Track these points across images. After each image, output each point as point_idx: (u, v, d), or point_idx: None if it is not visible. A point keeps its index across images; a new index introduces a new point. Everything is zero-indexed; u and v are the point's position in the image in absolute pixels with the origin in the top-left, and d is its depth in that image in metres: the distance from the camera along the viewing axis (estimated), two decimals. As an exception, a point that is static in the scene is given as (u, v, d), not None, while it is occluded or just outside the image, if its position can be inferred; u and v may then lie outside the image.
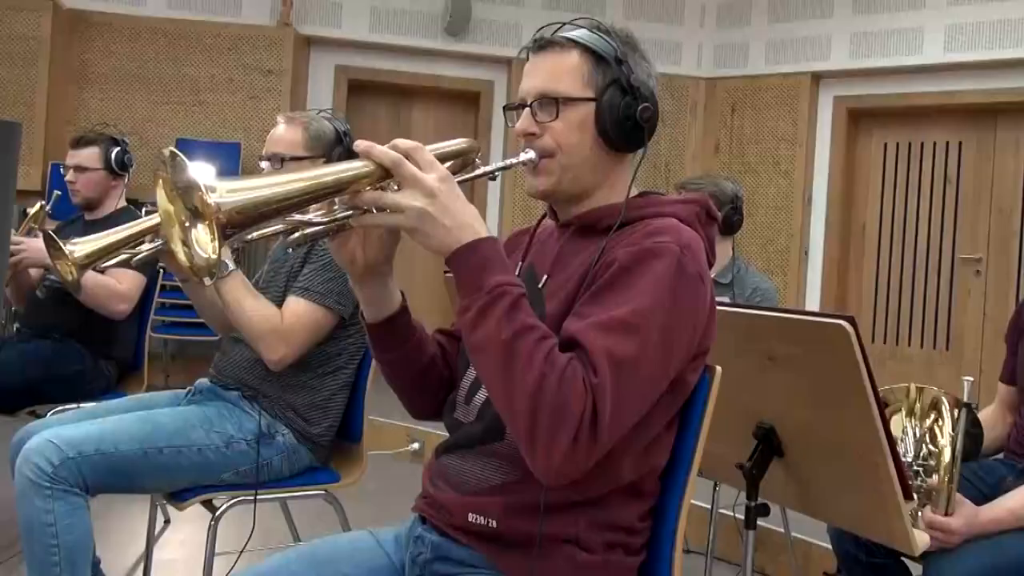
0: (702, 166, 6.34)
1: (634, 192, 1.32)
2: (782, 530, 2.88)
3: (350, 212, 1.15)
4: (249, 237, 1.12)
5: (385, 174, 1.13)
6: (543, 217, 1.44)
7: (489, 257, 1.12)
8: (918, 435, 1.85)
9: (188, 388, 2.27)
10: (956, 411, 1.81)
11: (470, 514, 1.23)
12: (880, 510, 1.50)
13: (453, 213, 1.12)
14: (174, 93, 5.86)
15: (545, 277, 1.31)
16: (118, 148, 3.06)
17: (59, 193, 3.01)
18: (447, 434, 1.37)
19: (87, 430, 1.92)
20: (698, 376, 1.27)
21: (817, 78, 6.05)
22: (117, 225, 2.90)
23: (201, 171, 1.02)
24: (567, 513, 1.20)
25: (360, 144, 1.13)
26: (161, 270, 3.18)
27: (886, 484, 1.46)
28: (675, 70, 6.37)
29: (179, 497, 2.03)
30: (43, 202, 3.00)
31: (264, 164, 2.22)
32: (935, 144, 5.86)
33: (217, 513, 2.00)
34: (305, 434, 2.13)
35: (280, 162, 2.18)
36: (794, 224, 6.07)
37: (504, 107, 1.37)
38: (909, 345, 5.92)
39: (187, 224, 1.07)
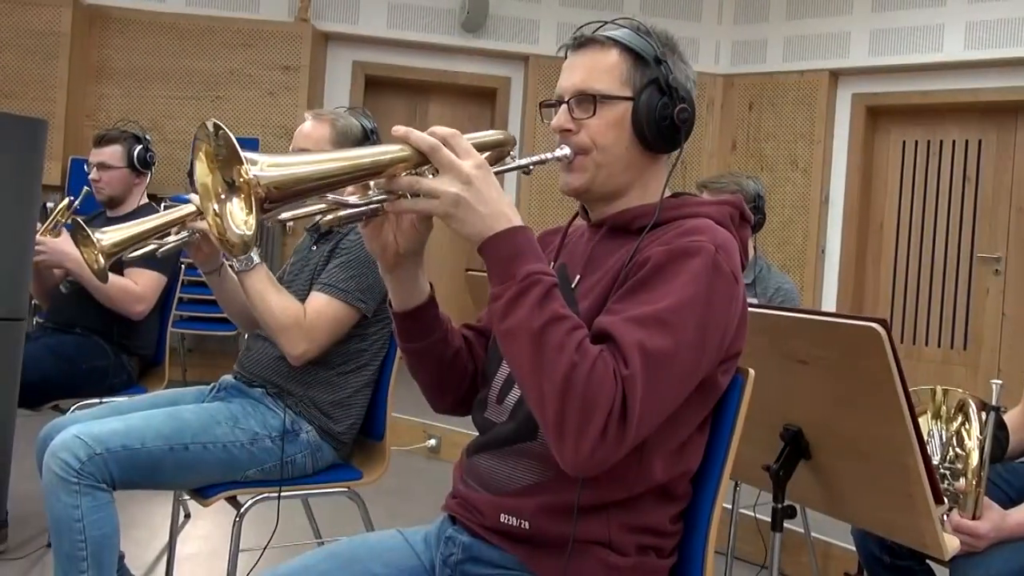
0: (719, 163, 6.32)
1: (667, 193, 1.32)
2: (802, 530, 2.88)
3: (384, 196, 1.16)
4: (283, 216, 1.11)
5: (422, 160, 1.13)
6: (574, 217, 1.44)
7: (522, 245, 1.12)
8: (945, 438, 1.84)
9: (212, 384, 2.28)
10: (983, 414, 1.80)
11: (502, 515, 1.23)
12: (910, 514, 1.49)
13: (488, 201, 1.12)
14: (192, 88, 5.88)
15: (578, 277, 1.31)
16: (141, 146, 3.08)
17: (88, 189, 3.02)
18: (466, 431, 1.37)
19: (114, 426, 1.93)
20: (730, 378, 1.26)
21: (835, 75, 6.02)
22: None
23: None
24: (600, 515, 1.20)
25: (398, 129, 1.13)
26: (183, 267, 3.21)
27: (917, 488, 1.45)
28: (692, 67, 6.34)
29: (204, 493, 2.04)
30: (71, 197, 3.02)
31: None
32: (954, 142, 5.83)
33: (242, 510, 2.01)
34: (329, 431, 2.14)
35: (307, 159, 2.18)
36: (811, 222, 6.04)
37: (540, 103, 1.37)
38: (927, 344, 5.89)
39: (223, 197, 1.08)
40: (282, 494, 2.06)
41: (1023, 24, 5.29)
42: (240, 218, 1.07)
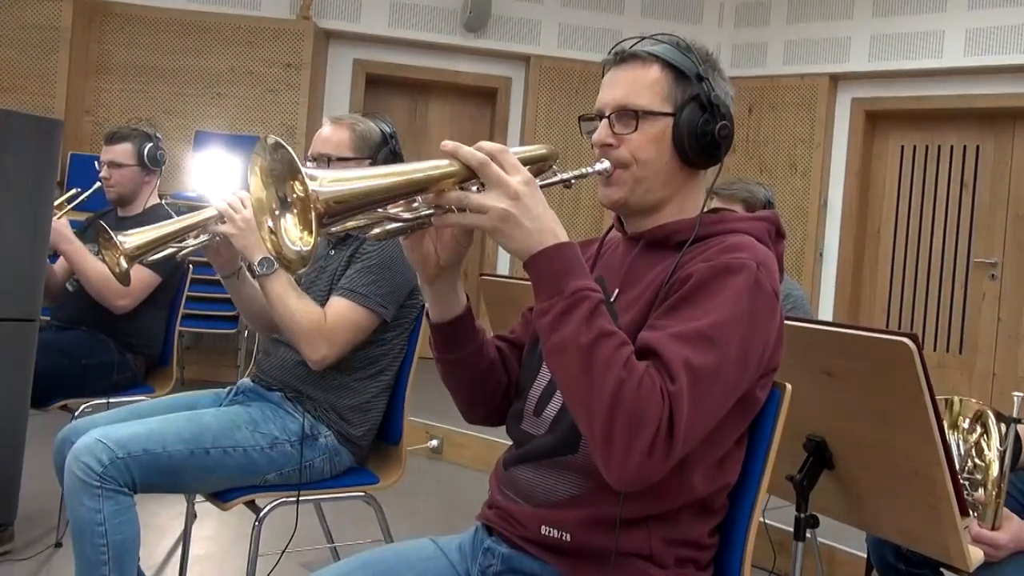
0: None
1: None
2: (807, 535, 2.89)
3: (431, 211, 1.17)
4: (334, 229, 1.12)
5: (469, 174, 1.14)
6: (609, 229, 1.45)
7: (570, 261, 1.13)
8: (963, 449, 1.86)
9: (229, 388, 2.28)
10: (1002, 426, 1.82)
11: (543, 527, 1.24)
12: (935, 526, 1.51)
13: (535, 216, 1.13)
14: (193, 85, 5.87)
15: (616, 291, 1.32)
16: (151, 144, 3.07)
17: (99, 185, 3.02)
18: (469, 432, 1.38)
19: (135, 430, 1.93)
20: (767, 393, 1.28)
21: (835, 79, 6.05)
22: (150, 222, 2.93)
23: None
24: (641, 528, 1.21)
25: (447, 144, 1.14)
26: (190, 267, 3.20)
27: (943, 500, 1.47)
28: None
29: (223, 497, 2.04)
30: (78, 189, 3.01)
31: (311, 165, 2.23)
32: (952, 148, 5.87)
33: (261, 514, 2.01)
34: (347, 436, 2.14)
35: (327, 162, 2.19)
36: (809, 226, 6.08)
37: (579, 117, 1.38)
38: (923, 348, 5.92)
39: (277, 213, 1.09)
40: (300, 498, 2.07)
41: (1023, 31, 5.33)
42: (295, 234, 1.07)
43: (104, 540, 1.85)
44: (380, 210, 1.14)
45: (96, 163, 3.08)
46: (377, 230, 1.20)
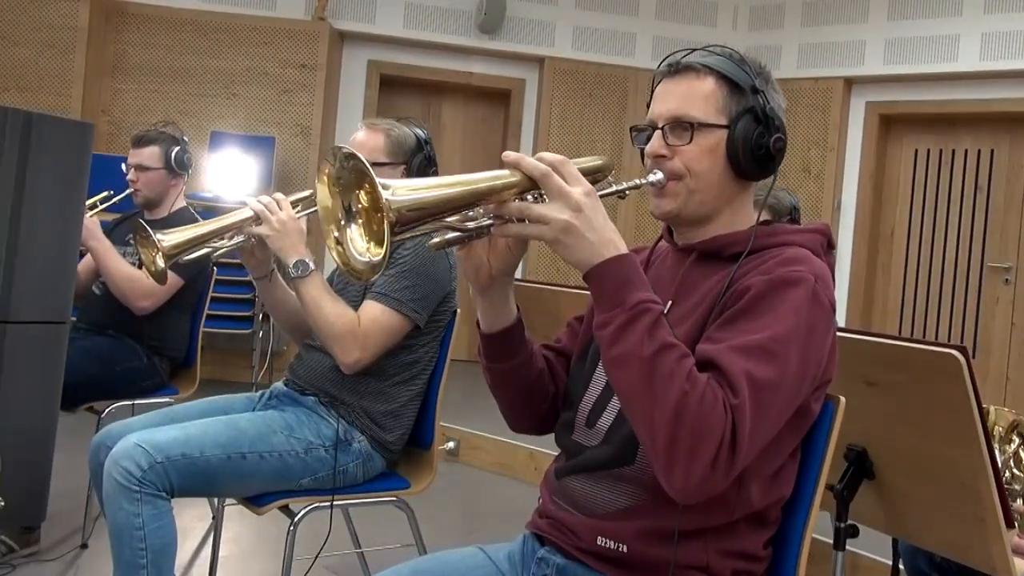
0: (732, 169, 6.34)
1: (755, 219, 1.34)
2: (829, 540, 2.89)
3: (491, 221, 1.17)
4: (400, 239, 1.13)
5: (531, 185, 1.15)
6: (658, 240, 1.45)
7: (630, 274, 1.14)
8: (1000, 459, 1.86)
9: (261, 392, 2.29)
10: (1040, 435, 1.83)
11: (599, 537, 1.24)
12: (980, 537, 1.51)
13: (596, 228, 1.13)
14: (208, 86, 5.88)
15: (669, 303, 1.32)
16: (178, 147, 3.07)
17: (131, 190, 3.03)
18: (487, 435, 1.38)
19: (174, 435, 1.93)
20: (820, 405, 1.28)
21: (850, 83, 6.05)
22: (176, 225, 2.94)
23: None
24: (698, 540, 1.21)
25: (509, 155, 1.15)
26: (214, 269, 3.21)
27: (989, 512, 1.48)
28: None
29: (257, 502, 2.05)
30: (111, 191, 3.02)
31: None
32: (966, 151, 5.87)
33: (296, 518, 2.02)
34: (380, 441, 2.15)
35: (361, 168, 2.19)
36: (823, 229, 6.06)
37: (631, 128, 1.38)
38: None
39: (343, 223, 1.10)
40: (334, 503, 2.07)
41: (1039, 36, 5.33)
42: (361, 245, 1.08)
43: (143, 544, 1.86)
44: (443, 219, 1.15)
45: (123, 165, 3.09)
46: (437, 239, 1.20)
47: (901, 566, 2.08)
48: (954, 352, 1.42)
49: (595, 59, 6.36)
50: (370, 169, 1.03)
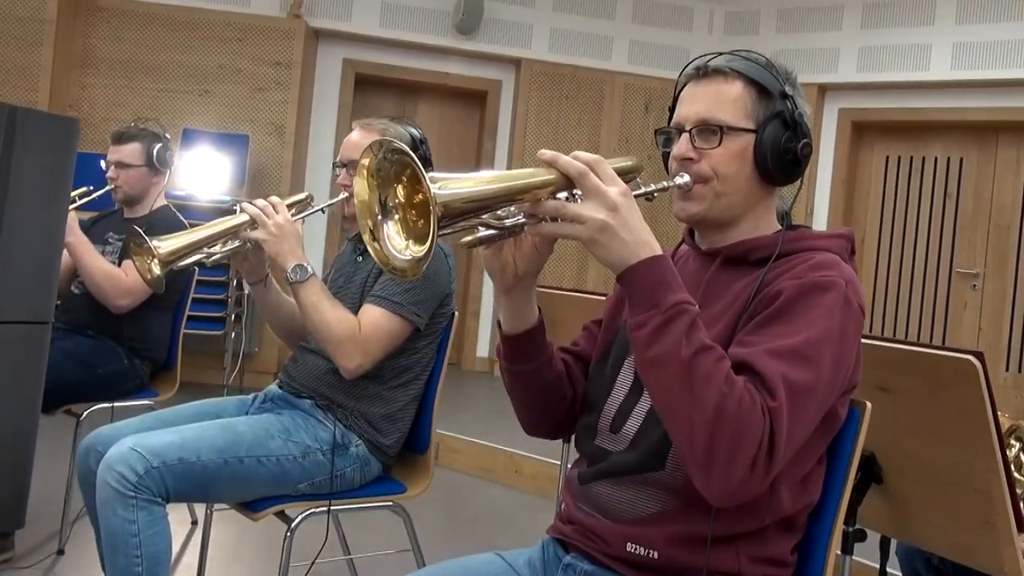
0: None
1: (778, 224, 1.34)
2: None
3: (523, 219, 1.15)
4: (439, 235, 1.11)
5: (566, 184, 1.13)
6: (680, 243, 1.44)
7: (667, 274, 1.13)
8: (1000, 462, 1.88)
9: (254, 394, 2.24)
10: (1039, 440, 1.85)
11: (628, 544, 1.23)
12: (990, 540, 1.52)
13: (632, 228, 1.12)
14: (180, 82, 5.77)
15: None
16: (160, 144, 3.01)
17: (111, 187, 2.95)
18: (465, 438, 1.36)
19: (169, 439, 1.88)
20: (847, 410, 1.28)
21: (823, 90, 6.12)
22: (157, 223, 2.87)
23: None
24: (730, 546, 1.20)
25: (545, 153, 1.13)
26: (195, 270, 3.14)
27: (1001, 516, 1.48)
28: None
29: (253, 507, 2.01)
30: (90, 187, 2.95)
31: (341, 171, 2.20)
32: (936, 159, 5.97)
33: (293, 524, 1.98)
34: (377, 445, 2.12)
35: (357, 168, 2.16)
36: (796, 234, 6.13)
37: (656, 131, 1.37)
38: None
39: (379, 218, 1.08)
40: (331, 508, 2.04)
41: (1008, 47, 5.44)
42: (399, 242, 1.06)
43: (138, 551, 1.81)
44: (480, 216, 1.13)
45: (102, 162, 3.02)
46: (468, 237, 1.19)
47: (889, 568, 2.09)
48: (970, 358, 1.43)
49: (571, 61, 6.37)
50: (418, 163, 1.01)
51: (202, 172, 5.50)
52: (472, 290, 6.55)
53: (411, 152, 1.02)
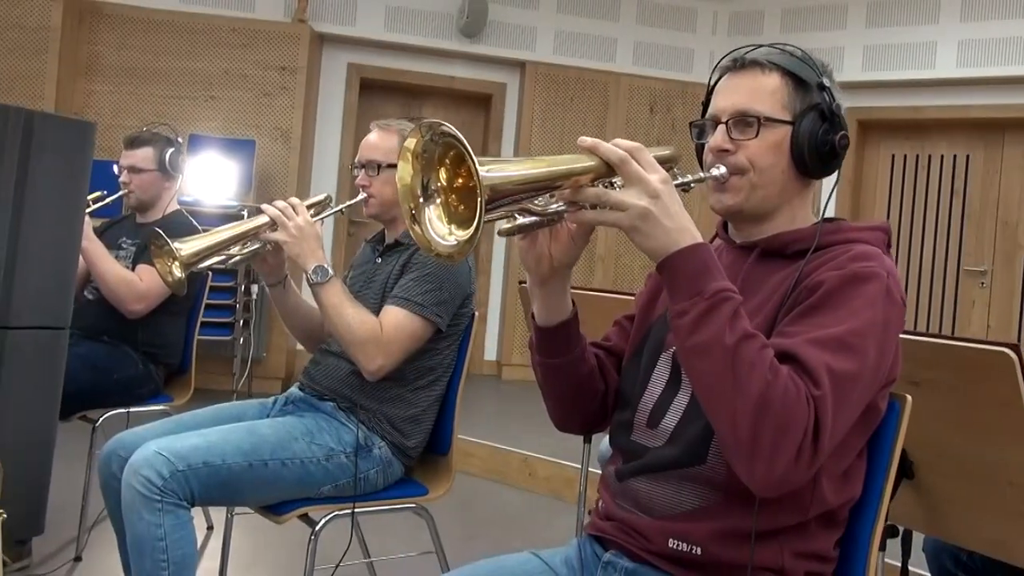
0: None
1: (814, 217, 1.34)
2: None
3: (563, 207, 1.14)
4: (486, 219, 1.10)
5: (606, 171, 1.13)
6: (713, 237, 1.44)
7: (708, 262, 1.12)
8: None
9: (275, 397, 2.23)
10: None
11: (671, 540, 1.22)
12: (1028, 535, 1.51)
13: (673, 215, 1.11)
14: (185, 88, 5.77)
15: (733, 300, 1.30)
16: (172, 149, 3.00)
17: (125, 192, 2.95)
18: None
19: (194, 442, 1.87)
20: (886, 403, 1.27)
21: (828, 89, 6.11)
22: (170, 228, 2.87)
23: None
24: (773, 541, 1.19)
25: (586, 140, 1.13)
26: (209, 274, 3.13)
27: (1039, 510, 1.48)
28: (687, 77, 6.43)
29: (277, 510, 1.99)
30: (104, 192, 2.94)
31: (359, 172, 2.19)
32: (943, 157, 5.96)
33: (317, 527, 1.97)
34: (400, 447, 2.11)
35: (376, 169, 2.16)
36: (803, 233, 6.13)
37: (691, 124, 1.37)
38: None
39: (421, 200, 1.07)
40: (355, 511, 2.03)
41: (1014, 44, 5.44)
42: (442, 228, 1.05)
43: (165, 556, 1.80)
44: (522, 201, 1.12)
45: (115, 167, 3.01)
46: (507, 224, 1.18)
47: (910, 567, 2.08)
48: (1006, 350, 1.42)
49: (576, 64, 6.37)
50: (466, 144, 1.00)
51: (209, 177, 5.49)
52: (479, 294, 6.53)
53: (459, 135, 1.01)
